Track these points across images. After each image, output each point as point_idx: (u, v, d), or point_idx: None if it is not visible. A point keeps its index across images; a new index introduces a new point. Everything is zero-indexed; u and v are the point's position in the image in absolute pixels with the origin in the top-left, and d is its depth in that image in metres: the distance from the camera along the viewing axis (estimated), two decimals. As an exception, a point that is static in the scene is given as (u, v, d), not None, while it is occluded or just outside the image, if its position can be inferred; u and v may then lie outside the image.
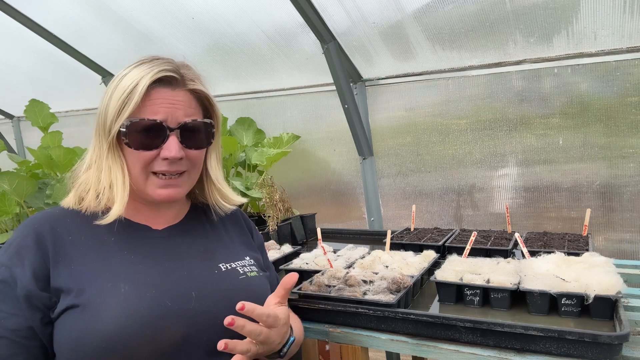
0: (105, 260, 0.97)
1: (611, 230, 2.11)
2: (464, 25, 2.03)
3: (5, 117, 3.95)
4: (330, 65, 2.28)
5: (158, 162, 1.01)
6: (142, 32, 2.60)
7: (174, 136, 1.00)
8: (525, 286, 1.28)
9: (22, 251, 0.94)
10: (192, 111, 1.04)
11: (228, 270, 1.07)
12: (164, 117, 0.99)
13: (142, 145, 0.99)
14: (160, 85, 1.00)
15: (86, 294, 0.91)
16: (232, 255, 1.12)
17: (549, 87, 2.11)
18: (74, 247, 0.97)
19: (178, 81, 1.02)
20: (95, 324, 0.87)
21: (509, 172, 2.28)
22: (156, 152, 1.00)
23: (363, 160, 2.58)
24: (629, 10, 1.80)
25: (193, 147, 1.04)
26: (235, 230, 1.22)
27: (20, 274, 0.91)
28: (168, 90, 1.00)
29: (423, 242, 1.89)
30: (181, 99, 1.02)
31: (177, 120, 1.01)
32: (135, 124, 0.97)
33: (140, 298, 0.92)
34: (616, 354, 1.04)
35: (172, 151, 0.99)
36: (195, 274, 1.03)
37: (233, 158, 2.51)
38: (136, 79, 0.97)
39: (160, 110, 0.99)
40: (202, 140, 1.06)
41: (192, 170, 1.07)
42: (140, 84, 0.96)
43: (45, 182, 2.13)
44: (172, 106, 1.00)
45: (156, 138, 0.99)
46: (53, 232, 0.97)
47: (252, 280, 1.09)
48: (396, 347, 1.25)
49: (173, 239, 1.08)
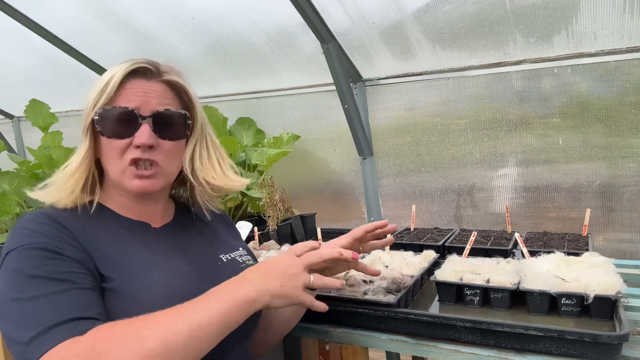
0: (127, 250, 0.98)
1: (611, 230, 2.11)
2: (464, 25, 2.03)
3: (5, 117, 3.95)
4: (330, 65, 2.28)
5: (131, 151, 1.00)
6: (142, 32, 2.60)
7: (147, 124, 1.00)
8: (525, 286, 1.28)
9: (48, 228, 0.91)
10: (168, 102, 1.04)
11: (229, 260, 1.12)
12: (136, 105, 1.00)
13: (114, 133, 0.99)
14: (136, 76, 1.02)
15: (122, 280, 0.91)
16: (228, 247, 1.17)
17: (549, 87, 2.11)
18: (95, 236, 0.96)
19: (153, 72, 1.03)
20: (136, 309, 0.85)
21: (509, 172, 2.28)
22: (129, 140, 1.00)
23: (363, 160, 2.58)
24: (629, 10, 1.80)
25: (167, 138, 1.03)
26: (223, 227, 1.26)
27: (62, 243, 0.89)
28: (143, 80, 1.02)
29: (423, 242, 1.89)
30: (156, 89, 1.03)
31: (150, 109, 1.01)
32: (107, 111, 0.99)
33: (172, 285, 0.95)
34: (616, 354, 1.04)
35: (142, 138, 0.99)
36: (202, 266, 1.05)
37: (233, 158, 2.51)
38: (113, 72, 1.00)
39: (133, 99, 1.00)
40: (177, 132, 1.05)
41: (167, 162, 1.05)
42: (115, 76, 0.99)
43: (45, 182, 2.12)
44: (146, 95, 1.01)
45: (129, 126, 0.99)
46: (65, 219, 0.96)
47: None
48: (396, 347, 1.25)
49: (172, 235, 1.10)
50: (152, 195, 1.09)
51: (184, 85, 1.07)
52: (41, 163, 2.20)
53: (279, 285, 0.92)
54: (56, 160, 2.15)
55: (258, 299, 0.89)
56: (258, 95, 2.89)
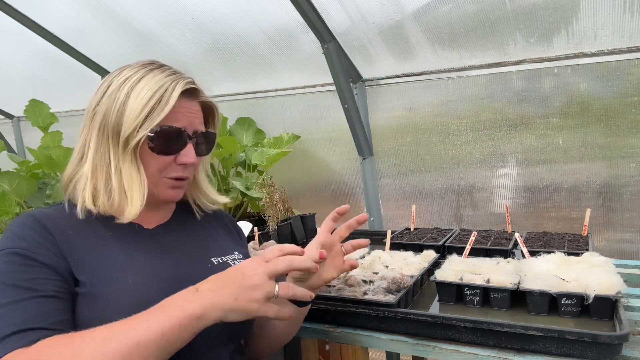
0: (107, 253, 0.98)
1: (611, 230, 2.11)
2: (464, 25, 2.03)
3: (5, 117, 3.95)
4: (330, 65, 2.28)
5: (173, 167, 1.06)
6: (142, 32, 2.60)
7: (191, 144, 1.06)
8: (525, 286, 1.28)
9: (30, 232, 0.94)
10: (201, 121, 1.11)
11: (220, 263, 1.11)
12: (184, 124, 1.04)
13: (164, 150, 1.03)
14: (183, 95, 1.04)
15: (95, 285, 0.92)
16: (222, 250, 1.16)
17: (549, 87, 2.11)
18: (76, 240, 0.97)
19: (198, 92, 1.09)
20: (107, 314, 0.87)
21: (509, 172, 2.28)
22: (173, 157, 1.05)
23: (363, 160, 2.58)
24: (629, 10, 1.80)
25: (201, 155, 1.11)
26: (221, 228, 1.26)
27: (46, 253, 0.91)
28: (188, 100, 1.06)
29: (423, 242, 1.89)
30: (197, 109, 1.09)
31: (194, 129, 1.07)
32: (165, 130, 1.01)
33: (149, 288, 0.94)
34: (616, 354, 1.04)
35: (190, 157, 1.05)
36: (190, 269, 1.05)
37: (233, 158, 2.51)
38: (164, 86, 1.00)
39: (182, 119, 1.04)
40: (208, 149, 1.14)
41: (192, 175, 1.14)
42: (174, 93, 1.00)
43: (45, 182, 2.13)
44: (191, 115, 1.07)
45: (177, 144, 1.04)
46: (53, 224, 0.98)
47: None
48: (396, 347, 1.25)
49: (165, 236, 1.11)
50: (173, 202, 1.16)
51: (216, 106, 1.15)
52: (41, 163, 2.20)
53: (232, 299, 0.84)
54: (56, 160, 2.15)
55: (205, 315, 0.82)
56: (258, 95, 2.89)
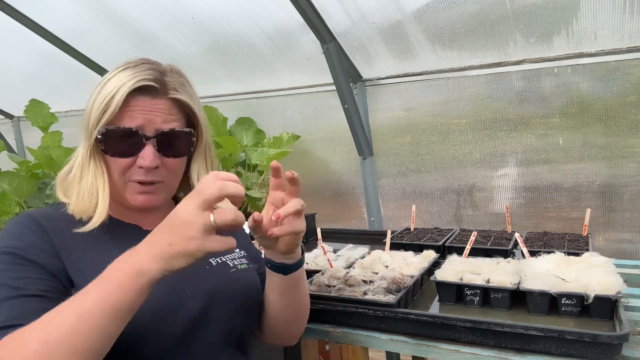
0: (104, 257, 0.96)
1: (611, 230, 2.11)
2: (464, 25, 2.03)
3: (5, 117, 3.95)
4: (330, 65, 2.28)
5: (135, 170, 1.00)
6: (142, 32, 2.60)
7: (150, 145, 0.99)
8: (525, 286, 1.28)
9: (26, 231, 0.93)
10: (173, 118, 1.02)
11: (219, 264, 1.09)
12: (140, 124, 0.98)
13: (118, 152, 0.99)
14: (140, 93, 0.98)
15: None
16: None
17: (549, 87, 2.11)
18: (73, 242, 0.97)
19: (158, 90, 1.00)
20: None
21: (509, 172, 2.28)
22: (132, 159, 0.99)
23: (363, 160, 2.58)
24: (629, 10, 1.80)
25: (171, 156, 1.03)
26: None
27: (39, 254, 0.90)
28: (147, 98, 0.99)
29: (423, 242, 1.89)
30: (161, 107, 1.00)
31: (154, 127, 0.99)
32: (111, 131, 0.97)
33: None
34: (616, 354, 1.04)
35: (146, 160, 0.98)
36: (187, 271, 1.03)
37: (233, 158, 2.51)
38: (117, 86, 0.96)
39: (137, 117, 0.98)
40: (181, 149, 1.05)
41: (170, 178, 1.05)
42: (119, 92, 0.95)
43: (45, 182, 2.13)
44: (151, 113, 0.99)
45: (132, 146, 0.98)
46: (51, 224, 0.97)
47: (242, 273, 1.11)
48: (396, 347, 1.25)
49: None
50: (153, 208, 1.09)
51: (189, 104, 1.04)
52: (41, 163, 2.20)
53: (167, 245, 0.76)
54: (56, 160, 2.15)
55: (144, 270, 0.76)
56: (258, 95, 2.89)
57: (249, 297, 1.10)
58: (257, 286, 1.13)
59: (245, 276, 1.11)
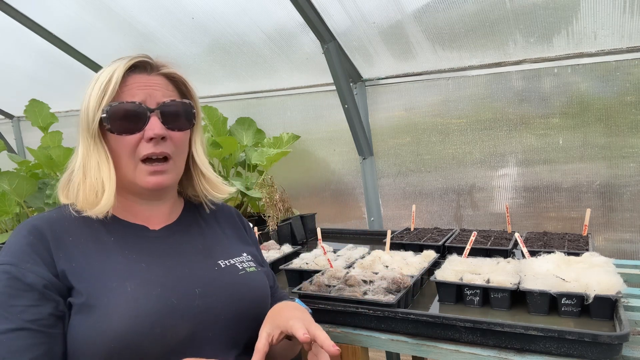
0: (107, 260, 0.97)
1: (611, 230, 2.11)
2: (464, 25, 2.03)
3: (5, 117, 3.95)
4: (330, 65, 2.28)
5: (143, 145, 1.01)
6: (142, 32, 2.60)
7: (155, 116, 1.02)
8: (525, 286, 1.28)
9: (27, 248, 0.93)
10: (170, 93, 1.06)
11: (227, 266, 1.08)
12: (142, 99, 1.01)
13: (124, 129, 1.00)
14: (136, 71, 1.03)
15: (92, 294, 0.90)
16: (230, 252, 1.13)
17: (549, 87, 2.11)
18: (75, 247, 0.96)
19: (152, 66, 1.05)
20: (104, 325, 0.87)
21: (509, 172, 2.28)
22: (140, 135, 1.01)
23: (363, 160, 2.58)
24: (629, 10, 1.80)
25: (175, 129, 1.05)
26: (229, 226, 1.23)
27: (31, 268, 0.90)
28: (144, 75, 1.04)
29: (423, 242, 1.89)
30: (158, 82, 1.05)
31: (156, 101, 1.03)
32: (115, 107, 0.99)
33: (147, 297, 0.92)
34: (616, 354, 1.04)
35: (154, 129, 1.00)
36: (196, 271, 1.03)
37: (233, 158, 2.51)
38: (112, 70, 1.00)
39: (137, 93, 1.01)
40: (184, 122, 1.07)
41: (178, 155, 1.07)
42: (115, 73, 1.00)
43: (45, 182, 2.13)
44: (150, 88, 1.03)
45: (138, 121, 1.00)
46: (53, 231, 0.97)
47: (252, 276, 1.10)
48: (396, 347, 1.25)
49: (171, 237, 1.08)
50: (162, 192, 1.09)
51: (182, 77, 1.09)
52: (41, 163, 2.20)
53: None
54: (56, 160, 2.15)
55: None
56: (258, 95, 2.89)
57: (255, 301, 1.09)
58: (265, 291, 1.12)
59: (254, 278, 1.11)
